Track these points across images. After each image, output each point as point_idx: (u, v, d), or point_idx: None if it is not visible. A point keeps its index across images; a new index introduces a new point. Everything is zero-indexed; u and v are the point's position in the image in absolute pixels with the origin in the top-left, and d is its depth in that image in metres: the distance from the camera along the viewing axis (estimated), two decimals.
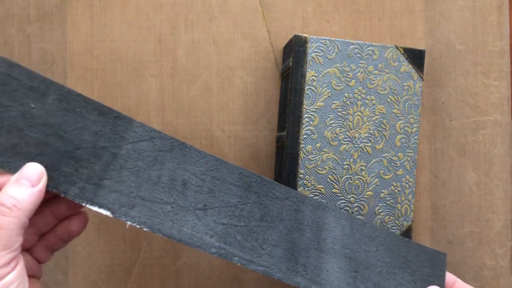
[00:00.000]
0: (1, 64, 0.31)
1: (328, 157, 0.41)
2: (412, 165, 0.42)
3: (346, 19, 0.47)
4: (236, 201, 0.35)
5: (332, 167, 0.41)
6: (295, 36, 0.41)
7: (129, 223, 0.32)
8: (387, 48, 0.42)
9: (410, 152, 0.42)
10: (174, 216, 0.33)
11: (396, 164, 0.42)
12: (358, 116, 0.42)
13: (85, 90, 0.46)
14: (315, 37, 0.41)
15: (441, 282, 0.39)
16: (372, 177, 0.42)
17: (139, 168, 0.33)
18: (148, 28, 0.47)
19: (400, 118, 0.42)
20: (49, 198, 0.34)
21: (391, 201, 0.42)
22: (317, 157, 0.41)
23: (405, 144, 0.42)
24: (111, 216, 0.32)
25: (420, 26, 0.48)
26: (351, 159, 0.42)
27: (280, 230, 0.35)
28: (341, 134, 0.41)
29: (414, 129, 0.42)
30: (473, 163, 0.48)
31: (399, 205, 0.42)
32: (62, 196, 0.32)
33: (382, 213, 0.42)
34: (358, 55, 0.42)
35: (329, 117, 0.41)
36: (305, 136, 0.41)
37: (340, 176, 0.41)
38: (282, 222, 0.36)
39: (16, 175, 0.30)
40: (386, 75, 0.42)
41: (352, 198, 0.42)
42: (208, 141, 0.47)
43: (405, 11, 0.48)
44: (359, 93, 0.42)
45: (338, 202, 0.41)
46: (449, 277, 0.39)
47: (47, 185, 0.31)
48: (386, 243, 0.38)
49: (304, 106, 0.41)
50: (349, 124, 0.42)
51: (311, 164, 0.41)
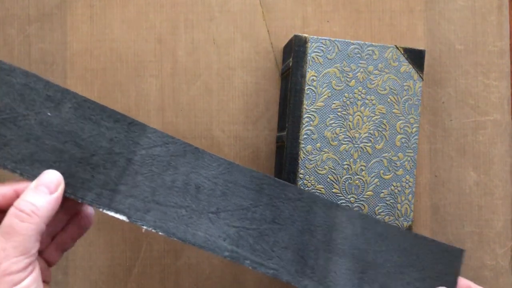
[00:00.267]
0: (18, 75, 0.31)
1: (328, 157, 0.41)
2: (412, 165, 0.42)
3: (346, 19, 0.47)
4: (248, 204, 0.35)
5: (332, 167, 0.41)
6: (295, 36, 0.41)
7: (145, 228, 0.33)
8: (387, 48, 0.42)
9: (410, 152, 0.42)
10: (188, 220, 0.34)
11: (396, 164, 0.42)
12: (358, 116, 0.42)
13: (85, 90, 0.46)
14: (315, 37, 0.41)
15: (453, 279, 0.38)
16: (372, 177, 0.42)
17: (154, 173, 0.34)
18: (148, 28, 0.47)
19: (400, 118, 0.42)
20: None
21: (391, 201, 0.42)
22: (317, 157, 0.41)
23: (405, 144, 0.42)
24: (127, 221, 0.33)
25: (420, 26, 0.48)
26: (351, 159, 0.42)
27: (291, 232, 0.36)
28: (341, 134, 0.41)
29: (414, 129, 0.42)
30: (473, 163, 0.48)
31: (399, 205, 0.42)
32: (79, 202, 0.32)
33: (382, 213, 0.42)
34: (358, 55, 0.42)
35: (329, 117, 0.41)
36: (305, 136, 0.41)
37: (340, 176, 0.41)
38: (294, 224, 0.36)
39: (35, 182, 0.30)
40: (386, 75, 0.42)
41: (352, 198, 0.42)
42: (208, 141, 0.47)
43: (405, 11, 0.48)
44: (359, 93, 0.42)
45: (338, 202, 0.41)
46: (462, 282, 0.38)
47: (65, 192, 0.32)
48: (398, 242, 0.37)
49: (304, 106, 0.41)
50: (349, 124, 0.42)
51: (311, 164, 0.41)
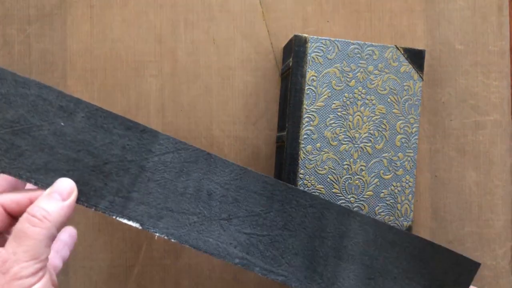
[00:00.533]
0: (32, 86, 0.32)
1: (328, 157, 0.41)
2: (412, 165, 0.42)
3: (346, 19, 0.47)
4: (260, 210, 0.35)
5: (332, 167, 0.41)
6: (295, 36, 0.41)
7: (158, 235, 0.33)
8: (387, 48, 0.42)
9: (410, 152, 0.42)
10: (200, 227, 0.34)
11: (396, 164, 0.42)
12: (358, 116, 0.42)
13: (85, 90, 0.46)
14: (315, 37, 0.41)
15: None
16: (372, 177, 0.42)
17: (166, 180, 0.34)
18: (148, 28, 0.47)
19: (400, 118, 0.42)
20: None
21: (391, 201, 0.42)
22: (317, 157, 0.41)
23: (405, 144, 0.42)
24: (140, 228, 0.33)
25: (420, 26, 0.48)
26: (351, 159, 0.42)
27: (302, 238, 0.36)
28: (341, 134, 0.41)
29: (414, 129, 0.42)
30: (473, 163, 0.48)
31: (399, 205, 0.42)
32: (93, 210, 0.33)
33: (382, 213, 0.42)
34: (358, 55, 0.42)
35: (329, 117, 0.41)
36: (305, 136, 0.41)
37: (340, 176, 0.41)
38: (305, 230, 0.36)
39: (48, 190, 0.31)
40: (386, 75, 0.42)
41: (352, 198, 0.42)
42: (208, 141, 0.47)
43: (405, 11, 0.48)
44: (359, 93, 0.42)
45: (338, 202, 0.41)
46: None
47: (78, 199, 0.32)
48: (409, 249, 0.37)
49: (304, 106, 0.41)
50: (349, 124, 0.42)
51: (311, 164, 0.41)
